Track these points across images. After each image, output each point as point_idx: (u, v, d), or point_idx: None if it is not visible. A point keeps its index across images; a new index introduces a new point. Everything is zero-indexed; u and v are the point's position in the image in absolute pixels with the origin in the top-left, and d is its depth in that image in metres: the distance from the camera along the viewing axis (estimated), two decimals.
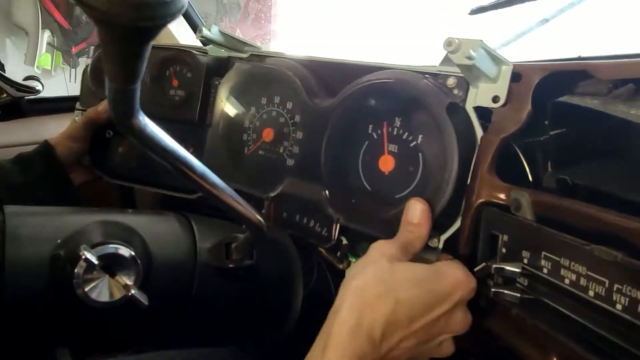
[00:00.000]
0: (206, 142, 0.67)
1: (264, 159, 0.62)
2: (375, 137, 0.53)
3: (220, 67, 0.69)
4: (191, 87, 0.69)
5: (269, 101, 0.63)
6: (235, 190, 0.43)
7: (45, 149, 0.69)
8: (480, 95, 0.46)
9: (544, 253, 0.38)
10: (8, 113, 0.90)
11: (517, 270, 0.39)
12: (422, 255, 0.46)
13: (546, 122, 0.44)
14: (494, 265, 0.40)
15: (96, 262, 0.36)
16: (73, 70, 4.94)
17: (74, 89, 4.92)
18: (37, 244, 0.38)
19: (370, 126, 0.53)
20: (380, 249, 0.43)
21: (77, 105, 0.85)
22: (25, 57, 4.61)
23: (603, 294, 0.33)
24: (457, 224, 0.46)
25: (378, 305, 0.38)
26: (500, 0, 0.61)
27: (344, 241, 0.53)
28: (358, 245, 0.54)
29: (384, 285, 0.39)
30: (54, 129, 0.85)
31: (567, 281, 0.35)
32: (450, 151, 0.45)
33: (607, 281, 0.33)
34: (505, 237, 0.42)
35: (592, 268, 0.34)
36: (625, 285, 0.31)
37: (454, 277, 0.41)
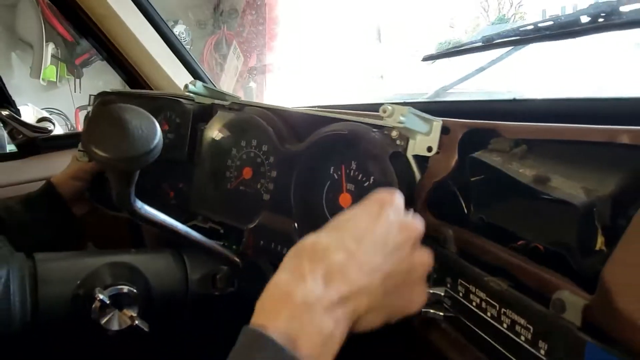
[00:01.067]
0: (194, 178, 0.77)
1: (244, 193, 0.72)
2: (336, 177, 0.63)
3: (205, 114, 0.80)
4: (180, 130, 0.80)
5: (247, 144, 0.73)
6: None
7: (49, 188, 0.80)
8: (417, 146, 0.55)
9: (460, 280, 0.47)
10: (24, 151, 1.01)
11: (441, 293, 0.49)
12: None
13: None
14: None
15: (108, 302, 0.47)
16: (77, 80, 5.07)
17: (79, 99, 5.02)
18: (61, 285, 0.49)
19: (332, 168, 0.63)
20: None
21: (79, 146, 0.96)
22: (31, 70, 4.72)
23: (495, 315, 0.43)
24: None
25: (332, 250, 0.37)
26: (447, 51, 0.70)
27: None
28: None
29: (333, 227, 0.40)
30: (63, 163, 0.96)
31: (474, 304, 0.45)
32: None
33: (497, 305, 0.42)
34: (435, 265, 0.52)
35: (488, 294, 0.43)
36: (508, 310, 0.41)
37: (385, 196, 0.42)
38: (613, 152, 0.41)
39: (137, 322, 0.49)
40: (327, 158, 0.63)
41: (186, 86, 0.78)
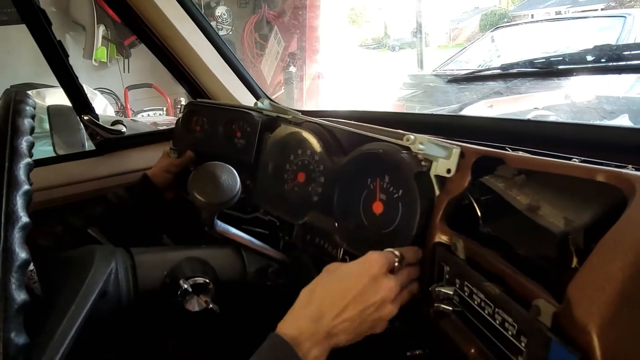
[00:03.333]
0: (258, 178, 0.92)
1: (297, 194, 0.86)
2: (372, 187, 0.75)
3: (271, 124, 0.96)
4: (249, 138, 0.95)
5: (303, 153, 0.86)
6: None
7: (146, 179, 1.00)
8: (439, 167, 0.66)
9: (465, 282, 0.59)
10: (102, 149, 1.18)
11: (451, 292, 0.61)
12: None
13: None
14: (438, 289, 0.62)
15: (190, 290, 0.61)
16: (126, 60, 5.31)
17: (128, 79, 5.24)
18: (153, 275, 0.64)
19: (369, 179, 0.75)
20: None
21: (171, 144, 1.15)
22: (84, 51, 4.97)
23: (491, 313, 0.54)
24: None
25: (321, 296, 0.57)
26: (469, 76, 0.78)
27: (348, 259, 0.76)
28: None
29: (323, 279, 0.59)
30: (134, 159, 1.12)
31: (475, 302, 0.57)
32: (415, 204, 0.66)
33: (492, 305, 0.53)
34: (448, 268, 0.63)
35: (486, 296, 0.54)
36: (499, 310, 0.52)
37: (369, 258, 0.60)
38: (593, 187, 0.50)
39: (210, 305, 0.63)
40: (365, 171, 0.74)
41: (255, 103, 0.93)
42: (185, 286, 0.62)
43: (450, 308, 0.61)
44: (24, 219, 0.41)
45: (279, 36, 3.43)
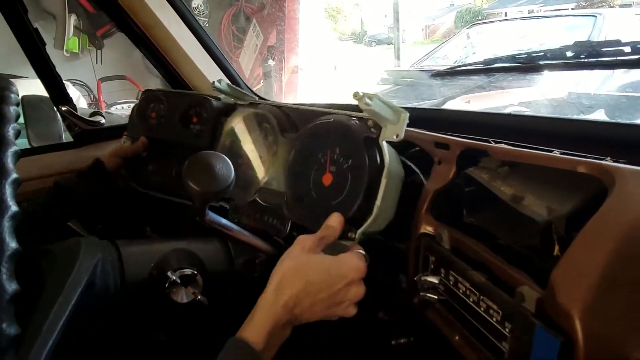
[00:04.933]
0: None
1: (248, 174, 0.86)
2: (322, 161, 0.73)
3: (228, 110, 0.96)
4: (205, 123, 0.95)
5: (258, 134, 0.87)
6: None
7: (96, 163, 0.99)
8: (388, 133, 0.66)
9: (450, 271, 0.60)
10: (80, 141, 1.15)
11: (436, 281, 0.62)
12: (340, 242, 0.67)
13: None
14: (424, 278, 0.63)
15: (179, 281, 0.61)
16: (99, 51, 5.18)
17: (100, 70, 5.10)
18: (140, 266, 0.63)
19: (320, 154, 0.74)
20: (301, 243, 0.62)
21: (125, 133, 1.11)
22: (55, 41, 4.82)
23: (476, 301, 0.55)
24: (369, 222, 0.66)
25: (293, 284, 0.57)
26: (452, 70, 0.80)
27: (295, 235, 0.71)
28: None
29: (299, 271, 0.59)
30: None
31: (461, 291, 0.58)
32: (364, 170, 0.66)
33: (477, 293, 0.55)
34: (433, 258, 0.64)
35: (471, 284, 0.56)
36: (484, 297, 0.54)
37: (349, 264, 0.61)
38: (574, 178, 0.52)
39: (199, 296, 0.63)
40: (316, 145, 0.74)
41: (213, 82, 0.92)
42: (174, 277, 0.62)
43: (436, 297, 0.62)
44: (13, 207, 0.40)
45: (257, 29, 3.40)
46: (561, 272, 0.45)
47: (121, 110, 4.45)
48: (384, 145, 0.65)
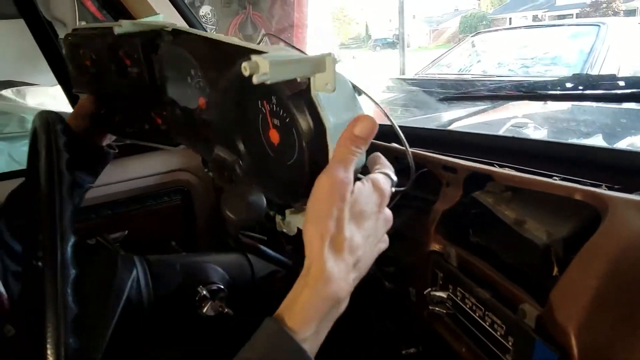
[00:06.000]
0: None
1: (204, 123, 0.68)
2: (264, 111, 0.58)
3: (153, 44, 0.75)
4: (138, 64, 0.77)
5: (195, 73, 0.68)
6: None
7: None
8: (317, 83, 0.49)
9: (458, 288, 0.65)
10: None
11: (444, 296, 0.67)
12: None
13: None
14: (432, 293, 0.68)
15: (208, 295, 0.66)
16: None
17: None
18: (171, 281, 0.68)
19: (259, 102, 0.57)
20: (325, 187, 0.46)
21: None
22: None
23: (481, 315, 0.60)
24: None
25: (342, 228, 0.45)
26: (461, 95, 0.85)
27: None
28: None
29: (338, 220, 0.45)
30: (141, 166, 1.15)
31: (467, 306, 0.63)
32: (300, 135, 0.51)
33: (483, 309, 0.60)
34: (441, 274, 0.69)
35: (477, 300, 0.61)
36: (489, 312, 0.59)
37: (381, 185, 0.50)
38: (571, 203, 0.57)
39: (226, 309, 0.68)
40: (251, 91, 0.56)
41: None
42: (204, 292, 0.67)
43: (444, 311, 0.67)
44: (73, 237, 0.45)
45: (266, 40, 3.45)
46: (559, 293, 0.50)
47: None
48: (319, 99, 0.49)
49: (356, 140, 0.47)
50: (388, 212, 0.52)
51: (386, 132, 0.95)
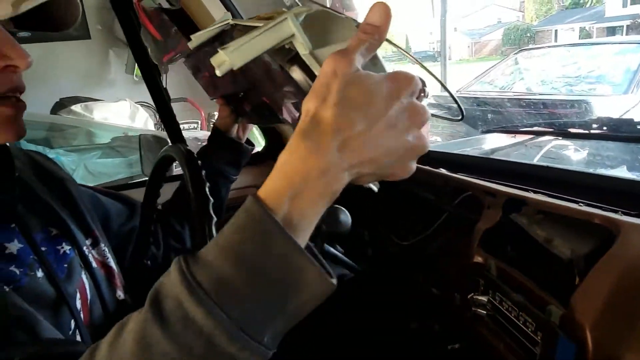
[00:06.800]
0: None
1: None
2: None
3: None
4: None
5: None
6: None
7: (215, 129, 1.05)
8: (299, 47, 0.46)
9: (497, 292, 0.79)
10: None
11: (485, 299, 0.81)
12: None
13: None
14: (475, 297, 0.82)
15: None
16: (164, 75, 5.63)
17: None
18: None
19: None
20: (332, 65, 0.39)
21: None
22: (126, 67, 5.29)
23: (516, 316, 0.74)
24: None
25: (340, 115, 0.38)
26: (502, 129, 0.99)
27: None
28: None
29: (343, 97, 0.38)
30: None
31: (504, 307, 0.77)
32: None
33: (517, 310, 0.73)
34: (482, 282, 0.83)
35: (513, 303, 0.75)
36: (522, 313, 0.72)
37: (404, 75, 0.41)
38: (592, 225, 0.70)
39: None
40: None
41: None
42: None
43: (485, 312, 0.81)
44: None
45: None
46: (578, 297, 0.63)
47: (185, 132, 4.82)
48: (314, 55, 0.46)
49: (366, 28, 0.41)
50: (415, 103, 0.41)
51: (436, 158, 1.10)
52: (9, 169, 0.64)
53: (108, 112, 4.66)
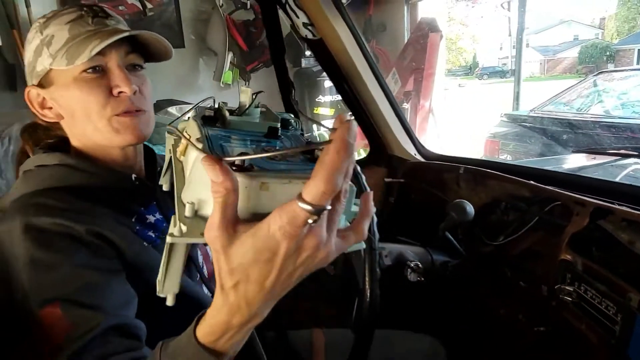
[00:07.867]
0: None
1: None
2: None
3: None
4: None
5: None
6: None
7: None
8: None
9: (582, 284, 0.96)
10: None
11: (571, 289, 0.99)
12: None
13: None
14: (562, 287, 1.00)
15: (414, 267, 1.06)
16: (246, 83, 6.06)
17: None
18: (392, 259, 1.09)
19: None
20: (210, 243, 0.42)
21: None
22: (214, 74, 5.75)
23: (599, 302, 0.91)
24: None
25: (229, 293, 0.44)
26: (590, 150, 1.15)
27: None
28: None
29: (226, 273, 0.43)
30: None
31: (588, 296, 0.94)
32: None
33: (600, 297, 0.91)
34: (569, 275, 1.01)
35: (596, 292, 0.92)
36: (605, 299, 0.90)
37: (272, 229, 0.40)
38: None
39: (422, 278, 1.07)
40: None
41: None
42: (411, 265, 1.05)
43: (570, 299, 0.99)
44: None
45: (396, 76, 3.88)
46: None
47: None
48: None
49: (214, 188, 0.40)
50: (305, 242, 0.41)
51: (524, 172, 1.28)
52: (153, 165, 0.91)
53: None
